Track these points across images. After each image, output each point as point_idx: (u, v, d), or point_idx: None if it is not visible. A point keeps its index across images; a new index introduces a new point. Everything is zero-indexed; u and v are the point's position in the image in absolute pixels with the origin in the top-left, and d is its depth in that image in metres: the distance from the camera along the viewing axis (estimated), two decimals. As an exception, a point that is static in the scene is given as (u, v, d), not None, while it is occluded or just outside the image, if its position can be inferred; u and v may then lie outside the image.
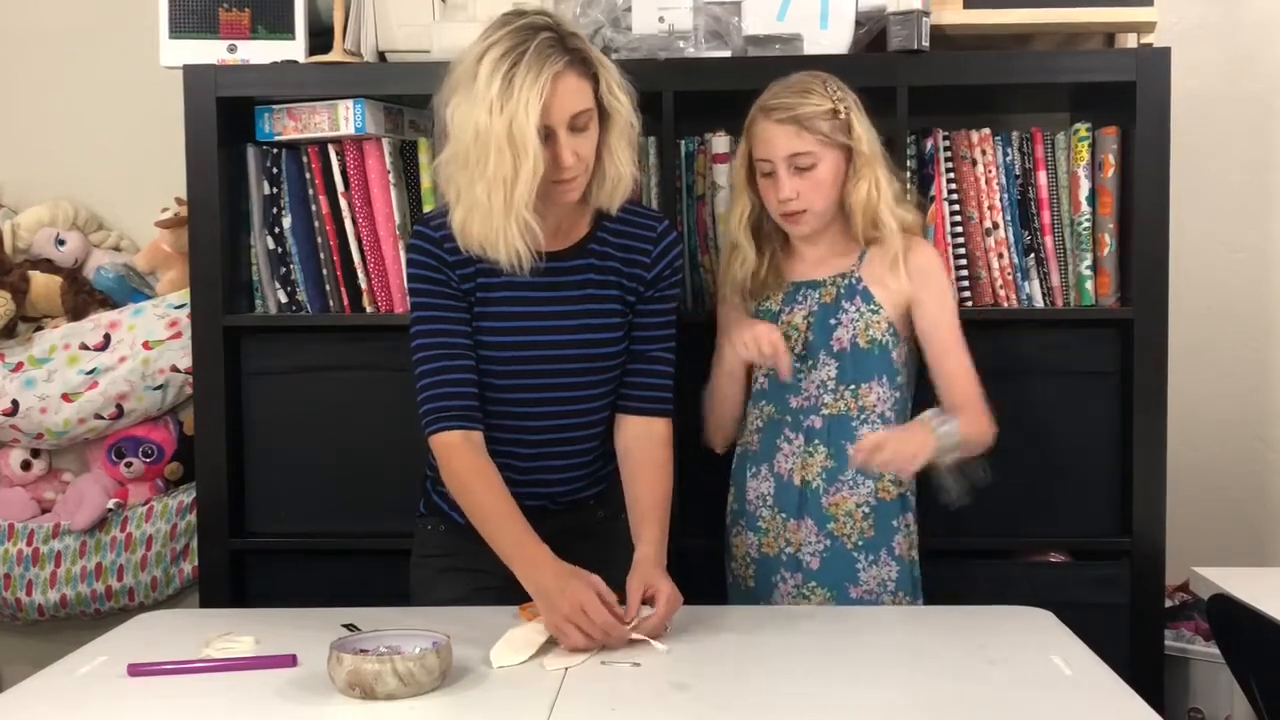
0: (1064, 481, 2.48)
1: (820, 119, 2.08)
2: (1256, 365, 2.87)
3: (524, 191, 1.84)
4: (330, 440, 2.53)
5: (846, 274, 2.15)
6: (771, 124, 2.09)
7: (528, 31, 1.86)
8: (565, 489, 2.10)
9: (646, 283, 2.05)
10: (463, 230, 1.92)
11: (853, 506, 2.12)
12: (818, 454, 2.13)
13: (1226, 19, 2.83)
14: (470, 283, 2.00)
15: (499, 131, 1.82)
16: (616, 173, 1.98)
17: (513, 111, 1.82)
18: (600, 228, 2.04)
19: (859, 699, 1.63)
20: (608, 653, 1.79)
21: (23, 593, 2.80)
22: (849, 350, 2.13)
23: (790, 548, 2.15)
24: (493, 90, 1.82)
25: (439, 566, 2.13)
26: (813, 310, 2.15)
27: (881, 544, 2.13)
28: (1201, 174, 2.79)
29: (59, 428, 2.76)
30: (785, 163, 2.09)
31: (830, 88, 2.11)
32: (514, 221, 1.87)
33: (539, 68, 1.82)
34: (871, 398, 2.12)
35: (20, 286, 2.79)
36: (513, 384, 2.02)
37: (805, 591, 2.14)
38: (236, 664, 1.75)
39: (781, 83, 2.13)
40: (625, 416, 2.08)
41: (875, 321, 2.12)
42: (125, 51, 2.86)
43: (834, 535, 2.13)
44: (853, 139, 2.10)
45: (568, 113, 1.87)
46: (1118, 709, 1.60)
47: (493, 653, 1.76)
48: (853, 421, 2.12)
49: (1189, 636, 2.60)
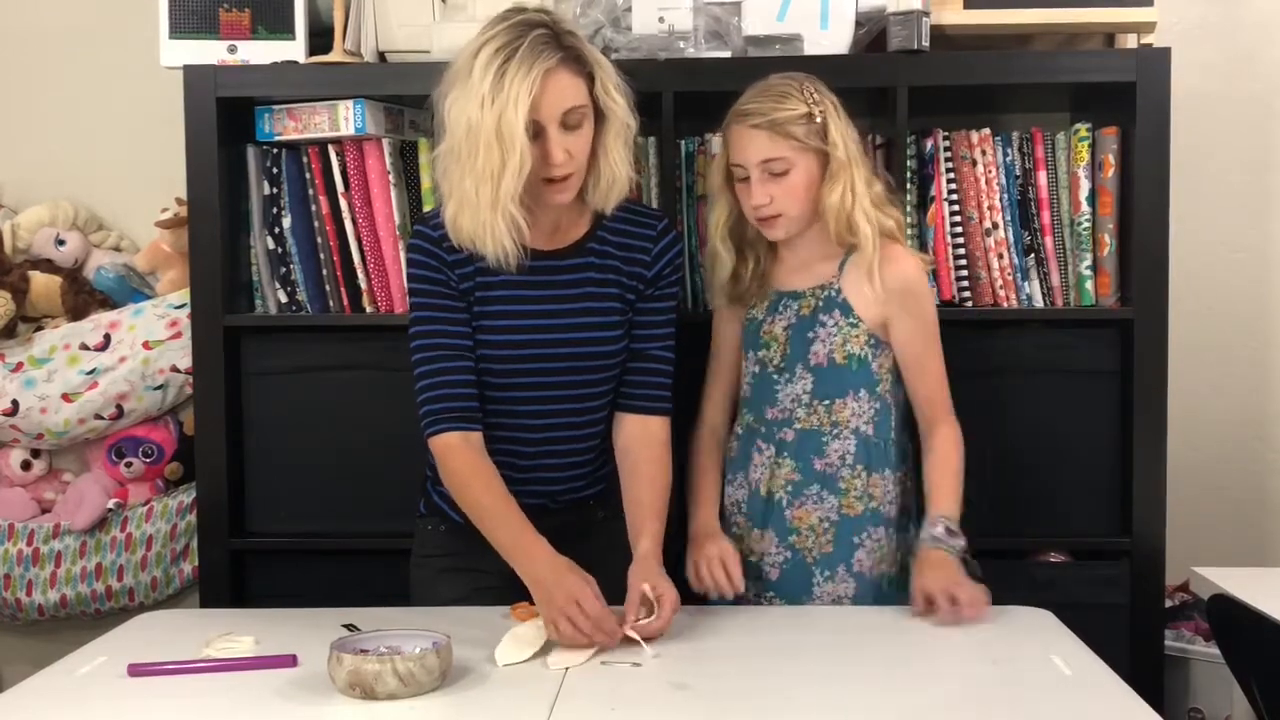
0: (1064, 481, 2.48)
1: (794, 124, 2.05)
2: (1256, 365, 2.87)
3: (510, 186, 1.85)
4: (330, 440, 2.53)
5: (826, 284, 2.12)
6: (745, 129, 2.06)
7: (523, 28, 1.87)
8: (565, 487, 2.10)
9: (647, 281, 2.06)
10: (454, 225, 1.93)
11: (815, 521, 2.11)
12: (784, 466, 2.12)
13: (1226, 19, 2.83)
14: (469, 281, 2.00)
15: (488, 126, 1.83)
16: (612, 173, 1.98)
17: (502, 106, 1.83)
18: (600, 227, 2.05)
19: (859, 699, 1.63)
20: (608, 653, 1.79)
21: (23, 593, 2.80)
22: (825, 365, 2.11)
23: (753, 556, 2.14)
24: (485, 85, 1.84)
25: (439, 566, 2.13)
26: (791, 322, 2.14)
27: (839, 559, 2.10)
28: (1201, 174, 2.79)
29: (59, 428, 2.76)
30: (758, 168, 2.06)
31: (807, 91, 2.07)
32: (501, 217, 1.87)
33: (530, 63, 1.84)
34: (845, 413, 2.11)
35: (20, 286, 2.79)
36: (513, 382, 2.02)
37: (763, 601, 2.13)
38: (237, 664, 1.75)
39: (758, 86, 2.10)
40: (624, 415, 2.08)
41: (854, 336, 2.10)
42: (125, 51, 2.86)
43: (794, 548, 2.11)
44: (828, 144, 2.06)
45: (559, 109, 1.87)
46: (1118, 709, 1.60)
47: (498, 651, 1.76)
48: (824, 436, 2.11)
49: (1189, 636, 2.60)
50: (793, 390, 2.12)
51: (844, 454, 2.10)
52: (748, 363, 2.19)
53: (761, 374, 2.16)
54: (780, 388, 2.13)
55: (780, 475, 2.12)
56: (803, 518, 2.11)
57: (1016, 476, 2.40)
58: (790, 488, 2.12)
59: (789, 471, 2.12)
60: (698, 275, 2.50)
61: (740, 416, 2.20)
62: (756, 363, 2.17)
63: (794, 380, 2.12)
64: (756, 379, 2.16)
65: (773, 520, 2.13)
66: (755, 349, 2.17)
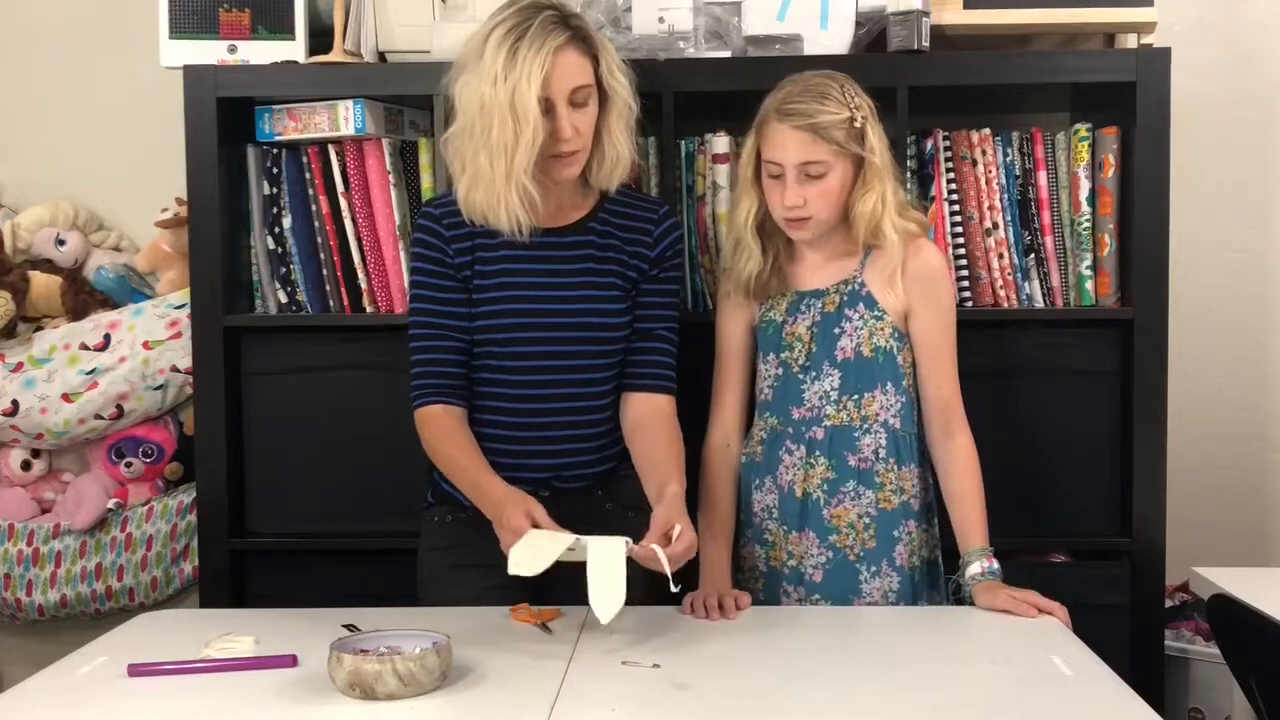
0: (1064, 481, 2.48)
1: (836, 128, 2.04)
2: (1256, 365, 2.87)
3: (524, 158, 1.94)
4: (330, 440, 2.53)
5: (849, 279, 2.13)
6: (786, 128, 2.05)
7: (531, 10, 1.97)
8: (571, 460, 2.12)
9: (650, 261, 2.12)
10: (466, 200, 2.02)
11: (854, 518, 2.11)
12: (818, 465, 2.12)
13: (1226, 19, 2.83)
14: (468, 256, 2.07)
15: (502, 100, 1.93)
16: (615, 153, 2.06)
17: (515, 81, 1.92)
18: (602, 208, 2.12)
19: (859, 699, 1.63)
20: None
21: (23, 593, 2.80)
22: (853, 360, 2.11)
23: (792, 560, 2.13)
24: (498, 63, 1.94)
25: (449, 561, 2.15)
26: (815, 320, 2.13)
27: (883, 554, 2.11)
28: (1201, 174, 2.79)
29: (59, 428, 2.76)
30: (796, 170, 2.05)
31: (848, 93, 2.06)
32: (514, 188, 1.96)
33: (541, 41, 1.94)
34: (874, 406, 2.11)
35: (20, 286, 2.79)
36: (514, 352, 2.07)
37: (809, 605, 2.12)
38: (237, 664, 1.75)
39: (798, 82, 2.08)
40: (632, 394, 2.13)
41: (879, 328, 2.11)
42: (125, 51, 2.86)
43: (836, 547, 2.11)
44: (865, 149, 2.06)
45: (568, 86, 1.97)
46: (1118, 709, 1.60)
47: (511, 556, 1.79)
48: (855, 432, 2.11)
49: (1189, 636, 2.60)
50: (820, 388, 2.12)
51: (876, 448, 2.11)
52: (768, 365, 2.18)
53: (785, 375, 2.15)
54: (806, 386, 2.13)
55: (815, 475, 2.12)
56: (841, 515, 2.11)
57: (1016, 476, 2.40)
58: (826, 486, 2.11)
59: (824, 470, 2.11)
60: (698, 275, 2.50)
61: (761, 421, 2.19)
62: (779, 364, 2.16)
63: (820, 378, 2.12)
64: (779, 380, 2.16)
65: (811, 521, 2.12)
66: (777, 351, 2.16)
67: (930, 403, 2.13)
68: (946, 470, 2.12)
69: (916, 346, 2.13)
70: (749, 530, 2.19)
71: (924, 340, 2.12)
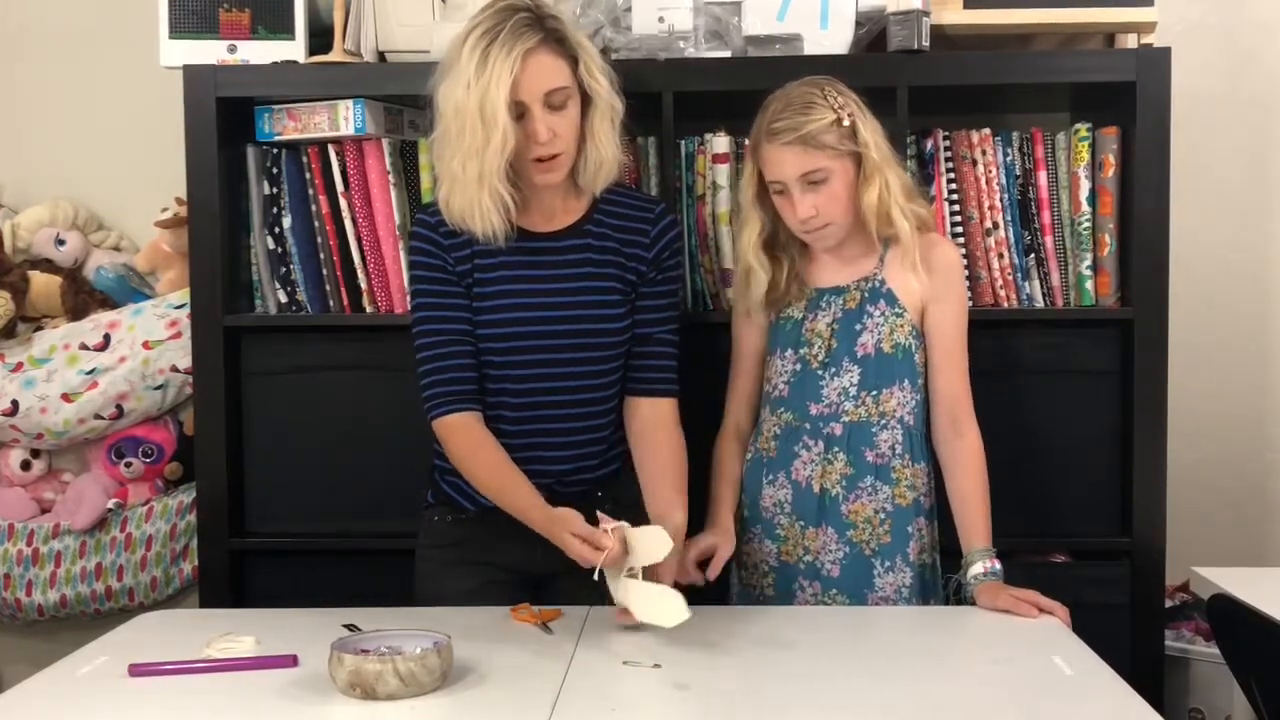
0: (1064, 481, 2.48)
1: (826, 133, 2.05)
2: (1256, 365, 2.87)
3: (494, 163, 1.93)
4: (330, 440, 2.53)
5: (869, 276, 2.14)
6: (778, 146, 2.06)
7: (506, 13, 1.96)
8: (573, 466, 2.12)
9: (648, 263, 2.10)
10: (446, 205, 2.02)
11: (871, 513, 2.11)
12: (837, 461, 2.12)
13: (1226, 19, 2.83)
14: (467, 264, 2.06)
15: (473, 105, 1.92)
16: (599, 155, 2.04)
17: (484, 85, 1.92)
18: (597, 210, 2.10)
19: (860, 699, 1.63)
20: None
21: (23, 593, 2.80)
22: (873, 356, 2.12)
23: (809, 555, 2.14)
24: (470, 67, 1.93)
25: (447, 559, 2.15)
26: (836, 317, 2.14)
27: (897, 550, 2.11)
28: (1201, 174, 2.79)
29: (59, 428, 2.76)
30: (798, 183, 2.06)
31: (831, 96, 2.07)
32: (487, 193, 1.96)
33: (512, 44, 1.93)
34: (892, 403, 2.12)
35: (20, 286, 2.79)
36: (515, 360, 2.06)
37: (825, 599, 2.13)
38: (237, 664, 1.75)
39: (781, 98, 2.09)
40: (635, 399, 2.13)
41: (899, 325, 2.12)
42: (125, 51, 2.86)
43: (853, 542, 2.11)
44: (860, 144, 2.07)
45: (541, 89, 1.95)
46: (1118, 709, 1.60)
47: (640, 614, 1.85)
48: (873, 428, 2.12)
49: (1189, 636, 2.61)
50: (839, 384, 2.13)
51: (893, 444, 2.12)
52: (784, 361, 2.18)
53: (803, 371, 2.15)
54: (825, 383, 2.14)
55: (834, 470, 2.12)
56: (858, 511, 2.11)
57: (1016, 476, 2.40)
58: (844, 482, 2.12)
59: (842, 465, 2.12)
60: (698, 275, 2.50)
61: (775, 417, 2.18)
62: (797, 361, 2.16)
63: (840, 374, 2.13)
64: (796, 376, 2.16)
65: (829, 517, 2.13)
66: (795, 347, 2.17)
67: (940, 397, 2.13)
68: (953, 468, 2.12)
69: (930, 339, 2.14)
70: (757, 525, 2.18)
71: (939, 333, 2.13)
